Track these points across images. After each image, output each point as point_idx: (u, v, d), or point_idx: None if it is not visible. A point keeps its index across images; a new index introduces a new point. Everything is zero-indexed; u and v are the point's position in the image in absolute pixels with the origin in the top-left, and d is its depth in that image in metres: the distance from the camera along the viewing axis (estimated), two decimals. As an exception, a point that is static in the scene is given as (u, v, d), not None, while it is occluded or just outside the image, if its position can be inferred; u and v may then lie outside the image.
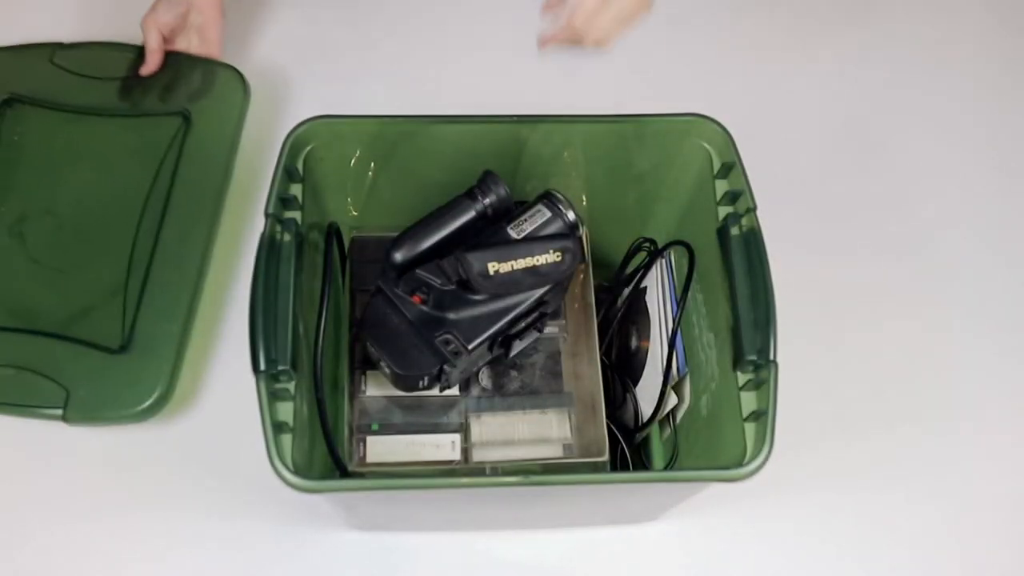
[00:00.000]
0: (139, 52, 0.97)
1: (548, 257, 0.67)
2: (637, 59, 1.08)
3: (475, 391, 0.75)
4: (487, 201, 0.69)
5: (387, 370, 0.69)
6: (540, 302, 0.70)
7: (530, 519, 0.82)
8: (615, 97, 1.03)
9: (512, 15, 1.09)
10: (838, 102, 1.08)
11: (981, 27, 1.13)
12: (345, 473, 0.70)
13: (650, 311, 0.79)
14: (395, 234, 0.78)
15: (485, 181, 0.69)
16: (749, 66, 1.08)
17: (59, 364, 0.82)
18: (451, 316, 0.68)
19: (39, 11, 1.04)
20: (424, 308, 0.68)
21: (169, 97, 0.96)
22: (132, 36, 0.98)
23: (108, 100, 0.96)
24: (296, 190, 0.69)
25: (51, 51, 0.98)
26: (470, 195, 0.70)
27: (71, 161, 0.94)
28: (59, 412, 0.81)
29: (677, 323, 0.74)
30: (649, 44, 1.09)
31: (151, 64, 0.87)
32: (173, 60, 0.97)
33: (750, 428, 0.64)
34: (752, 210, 0.67)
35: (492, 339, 0.69)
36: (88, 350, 0.83)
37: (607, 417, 0.75)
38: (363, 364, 0.74)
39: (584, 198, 0.80)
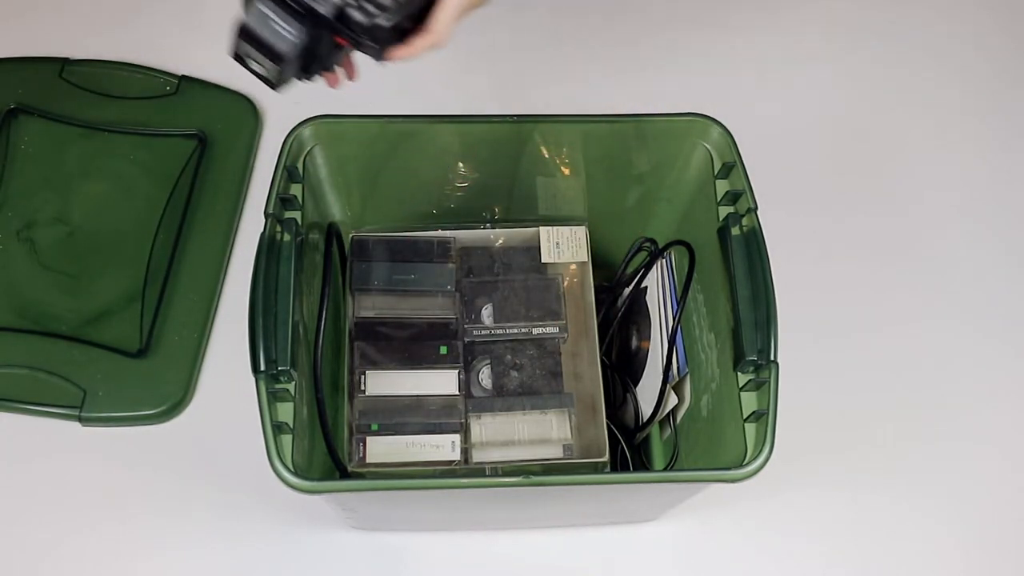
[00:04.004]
0: (146, 72, 1.00)
1: None
2: (637, 59, 1.08)
3: (475, 391, 0.75)
4: None
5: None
6: None
7: (530, 519, 0.82)
8: (615, 97, 1.03)
9: (512, 15, 1.09)
10: (838, 102, 1.07)
11: (980, 26, 1.13)
12: (345, 473, 0.70)
13: (650, 311, 0.79)
14: (395, 234, 0.78)
15: None
16: (749, 66, 1.08)
17: (76, 366, 0.86)
18: None
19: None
20: None
21: (182, 119, 0.98)
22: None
23: (118, 117, 0.98)
24: (296, 190, 0.69)
25: (60, 65, 1.00)
26: None
27: (81, 173, 0.96)
28: (75, 413, 0.84)
29: (677, 323, 0.74)
30: (649, 44, 1.09)
31: None
32: (186, 84, 1.00)
33: (750, 428, 0.64)
34: (753, 210, 0.67)
35: None
36: (106, 353, 0.86)
37: (607, 417, 0.75)
38: (363, 364, 0.74)
39: (584, 198, 0.80)
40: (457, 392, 0.74)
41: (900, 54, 1.11)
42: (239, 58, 0.59)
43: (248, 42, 0.57)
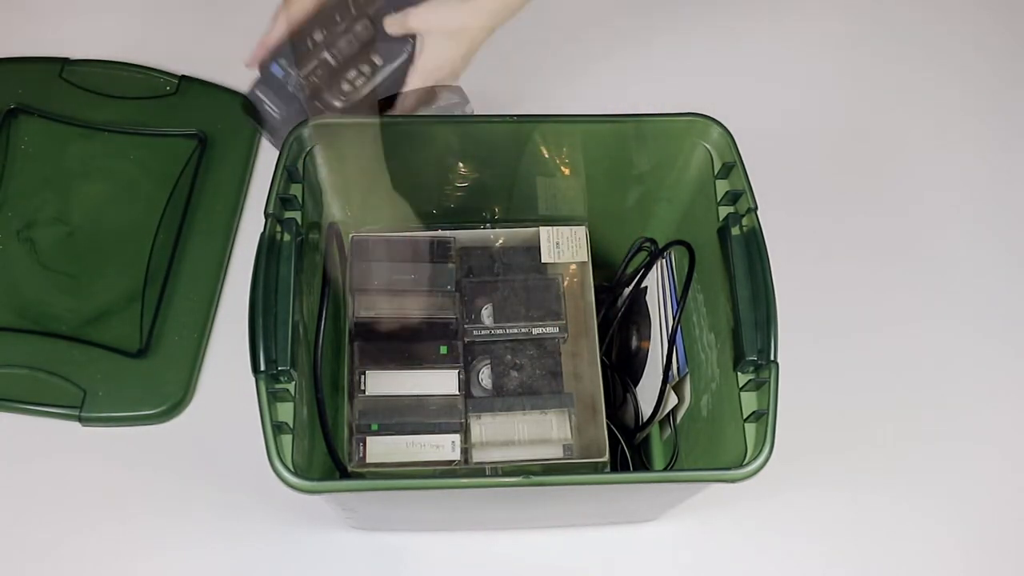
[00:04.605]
0: (146, 72, 1.00)
1: None
2: (637, 59, 1.08)
3: (475, 391, 0.75)
4: None
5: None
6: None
7: (530, 519, 0.82)
8: (615, 97, 1.03)
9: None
10: (838, 101, 1.07)
11: (980, 26, 1.13)
12: (345, 473, 0.70)
13: (650, 311, 0.79)
14: (395, 234, 0.78)
15: None
16: (749, 66, 1.08)
17: (76, 366, 0.86)
18: None
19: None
20: None
21: (182, 119, 0.98)
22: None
23: (118, 117, 0.98)
24: (296, 190, 0.69)
25: (60, 65, 1.00)
26: None
27: (81, 173, 0.96)
28: (75, 413, 0.84)
29: (677, 323, 0.74)
30: (649, 44, 1.09)
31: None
32: (186, 84, 1.00)
33: (750, 428, 0.64)
34: (753, 210, 0.67)
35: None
36: (106, 353, 0.86)
37: (607, 417, 0.75)
38: (363, 364, 0.74)
39: (584, 198, 0.80)
40: (457, 392, 0.74)
41: (900, 54, 1.11)
42: (253, 124, 0.72)
43: (250, 114, 0.69)
